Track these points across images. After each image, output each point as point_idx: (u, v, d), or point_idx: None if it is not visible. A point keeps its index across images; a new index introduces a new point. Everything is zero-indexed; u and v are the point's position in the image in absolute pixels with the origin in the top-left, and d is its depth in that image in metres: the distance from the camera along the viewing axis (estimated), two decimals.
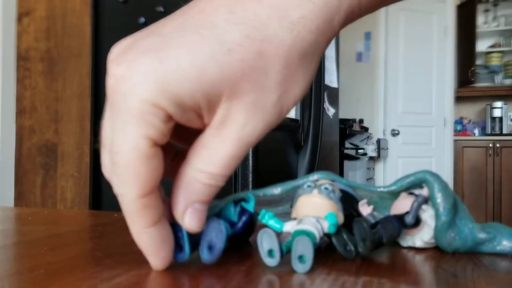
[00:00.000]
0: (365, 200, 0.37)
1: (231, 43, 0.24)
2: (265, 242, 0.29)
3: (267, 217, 0.33)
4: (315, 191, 0.33)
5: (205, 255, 0.28)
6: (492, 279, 0.29)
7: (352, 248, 0.32)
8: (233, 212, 0.33)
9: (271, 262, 0.29)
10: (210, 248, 0.28)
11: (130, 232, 0.27)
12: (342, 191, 0.36)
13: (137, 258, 0.29)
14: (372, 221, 0.35)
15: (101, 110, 1.46)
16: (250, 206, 0.33)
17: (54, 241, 0.35)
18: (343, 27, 0.29)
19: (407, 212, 0.36)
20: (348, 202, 0.37)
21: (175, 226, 0.28)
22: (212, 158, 0.26)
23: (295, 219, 0.34)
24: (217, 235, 0.28)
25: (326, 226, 0.32)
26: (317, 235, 0.31)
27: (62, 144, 1.48)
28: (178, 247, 0.28)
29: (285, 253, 0.29)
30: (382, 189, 0.38)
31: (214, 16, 0.25)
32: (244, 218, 0.33)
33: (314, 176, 0.36)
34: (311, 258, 0.28)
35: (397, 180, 0.38)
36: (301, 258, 0.28)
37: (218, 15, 0.25)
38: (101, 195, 1.45)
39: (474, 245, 0.37)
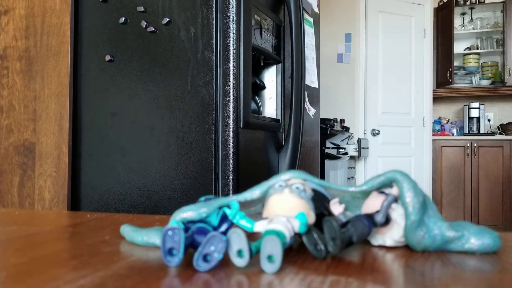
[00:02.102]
0: (336, 199, 0.37)
1: None
2: (234, 242, 0.29)
3: (238, 217, 0.32)
4: (286, 190, 0.33)
5: (201, 265, 0.28)
6: (459, 277, 0.29)
7: (322, 247, 0.32)
8: (215, 217, 0.33)
9: (240, 262, 0.29)
10: (206, 258, 0.28)
11: None
12: (314, 190, 0.36)
13: (105, 260, 0.29)
14: (343, 220, 0.35)
15: (80, 109, 1.44)
16: (232, 214, 0.33)
17: (22, 242, 0.34)
18: None
19: (378, 211, 0.36)
20: (319, 201, 0.37)
21: (172, 231, 0.28)
22: None
23: (266, 218, 0.33)
24: (218, 246, 0.28)
25: (297, 226, 0.32)
26: (288, 234, 0.31)
27: (40, 144, 1.46)
28: (170, 251, 0.28)
29: (255, 253, 0.29)
30: (353, 189, 0.38)
31: None
32: (226, 226, 0.33)
33: (286, 175, 0.36)
34: (280, 258, 0.28)
35: (368, 180, 0.38)
36: (270, 258, 0.28)
37: None
38: (80, 195, 1.43)
39: (443, 243, 0.37)
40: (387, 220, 0.36)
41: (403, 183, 0.36)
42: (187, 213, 0.33)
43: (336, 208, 0.36)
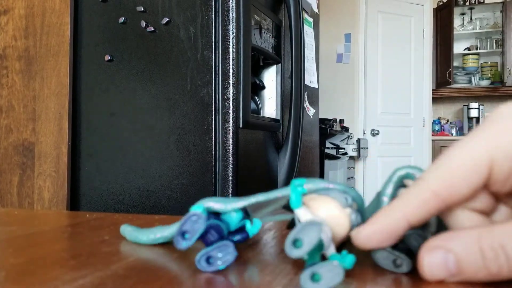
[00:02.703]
0: None
1: None
2: (306, 234, 0.26)
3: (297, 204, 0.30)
4: (348, 211, 0.31)
5: (203, 264, 0.28)
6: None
7: (403, 261, 0.30)
8: (235, 222, 0.32)
9: (296, 252, 0.26)
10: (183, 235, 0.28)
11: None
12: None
13: (104, 260, 0.29)
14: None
15: (79, 109, 1.44)
16: (252, 231, 0.32)
17: (21, 242, 0.34)
18: None
19: None
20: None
21: (197, 216, 0.28)
22: None
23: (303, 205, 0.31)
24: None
25: (330, 251, 0.29)
26: (326, 246, 0.28)
27: (39, 144, 1.46)
28: (183, 233, 0.28)
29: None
30: (386, 198, 0.35)
31: None
32: (239, 237, 0.32)
33: (353, 193, 0.33)
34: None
35: (385, 187, 0.36)
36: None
37: None
38: (79, 195, 1.43)
39: None
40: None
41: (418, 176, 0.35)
42: (217, 204, 0.31)
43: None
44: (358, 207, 0.32)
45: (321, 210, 0.30)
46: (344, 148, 3.34)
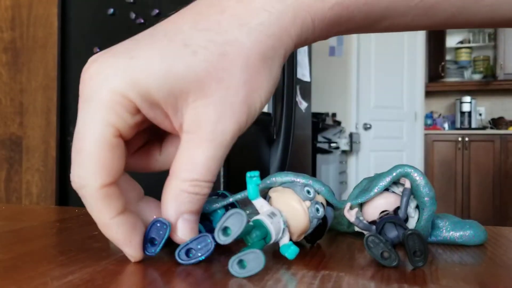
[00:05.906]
0: (348, 204, 0.35)
1: (196, 46, 0.27)
2: (231, 223, 0.27)
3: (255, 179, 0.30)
4: (307, 203, 0.32)
5: (182, 258, 0.28)
6: (449, 271, 0.29)
7: (392, 255, 0.30)
8: (218, 217, 0.32)
9: (224, 240, 0.27)
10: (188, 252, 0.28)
11: (99, 226, 0.27)
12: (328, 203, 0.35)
13: (93, 255, 0.29)
14: (360, 224, 0.35)
15: (67, 102, 1.43)
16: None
17: (9, 238, 0.34)
18: (300, 43, 0.31)
19: (398, 208, 0.35)
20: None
21: (160, 223, 0.28)
22: (191, 164, 0.27)
23: (268, 198, 0.32)
24: (204, 246, 0.28)
25: (282, 241, 0.30)
26: (273, 234, 0.29)
27: (27, 138, 1.44)
28: (152, 240, 0.28)
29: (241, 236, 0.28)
30: (376, 190, 0.36)
31: (181, 24, 0.28)
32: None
33: (319, 187, 0.34)
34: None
35: (376, 181, 0.36)
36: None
37: (184, 24, 0.28)
38: (68, 190, 1.42)
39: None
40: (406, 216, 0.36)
41: (416, 175, 0.35)
42: None
43: (351, 215, 0.35)
44: (325, 198, 0.33)
45: (280, 203, 0.31)
46: (336, 142, 3.35)
